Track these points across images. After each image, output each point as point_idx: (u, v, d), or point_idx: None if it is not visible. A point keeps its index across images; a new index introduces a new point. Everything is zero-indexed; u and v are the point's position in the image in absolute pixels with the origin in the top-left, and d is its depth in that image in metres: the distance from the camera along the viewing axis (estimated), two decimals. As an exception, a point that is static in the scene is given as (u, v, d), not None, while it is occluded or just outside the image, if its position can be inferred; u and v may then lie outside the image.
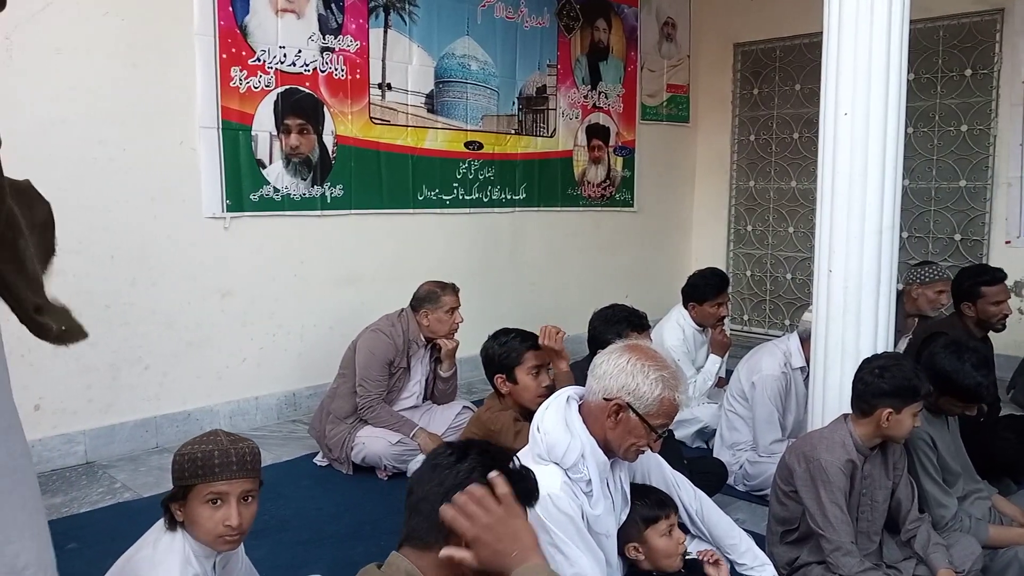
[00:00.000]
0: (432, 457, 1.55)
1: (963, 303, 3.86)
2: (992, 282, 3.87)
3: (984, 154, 5.55)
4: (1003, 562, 2.58)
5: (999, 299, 3.84)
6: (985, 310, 3.84)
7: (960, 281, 3.98)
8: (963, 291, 3.91)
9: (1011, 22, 5.36)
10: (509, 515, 1.38)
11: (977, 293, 3.86)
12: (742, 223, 6.87)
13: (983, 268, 4.02)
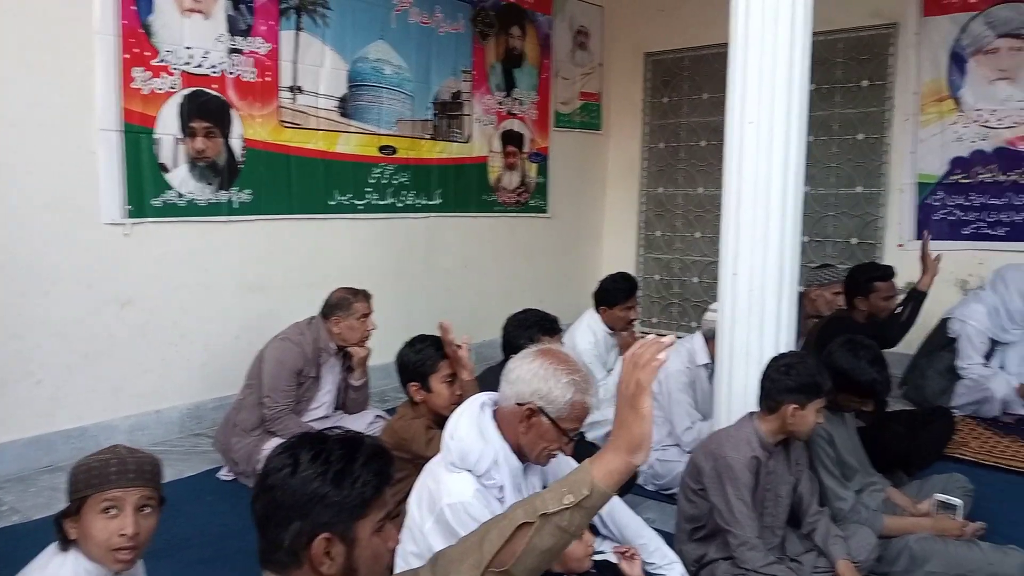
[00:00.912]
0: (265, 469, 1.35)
1: (856, 297, 4.09)
2: (884, 278, 4.13)
3: (879, 161, 5.82)
4: (895, 550, 2.70)
5: (888, 294, 4.10)
6: (876, 304, 4.08)
7: (854, 277, 4.22)
8: (856, 286, 4.14)
9: (904, 36, 5.65)
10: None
11: (870, 288, 4.10)
12: (652, 229, 7.01)
13: (875, 265, 4.28)
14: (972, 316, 4.76)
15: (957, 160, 5.52)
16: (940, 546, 2.68)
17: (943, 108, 5.54)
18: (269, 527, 1.29)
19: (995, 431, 4.46)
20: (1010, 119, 5.31)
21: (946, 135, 5.54)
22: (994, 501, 3.32)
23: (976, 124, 5.43)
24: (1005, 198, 5.36)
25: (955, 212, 5.55)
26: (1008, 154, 5.33)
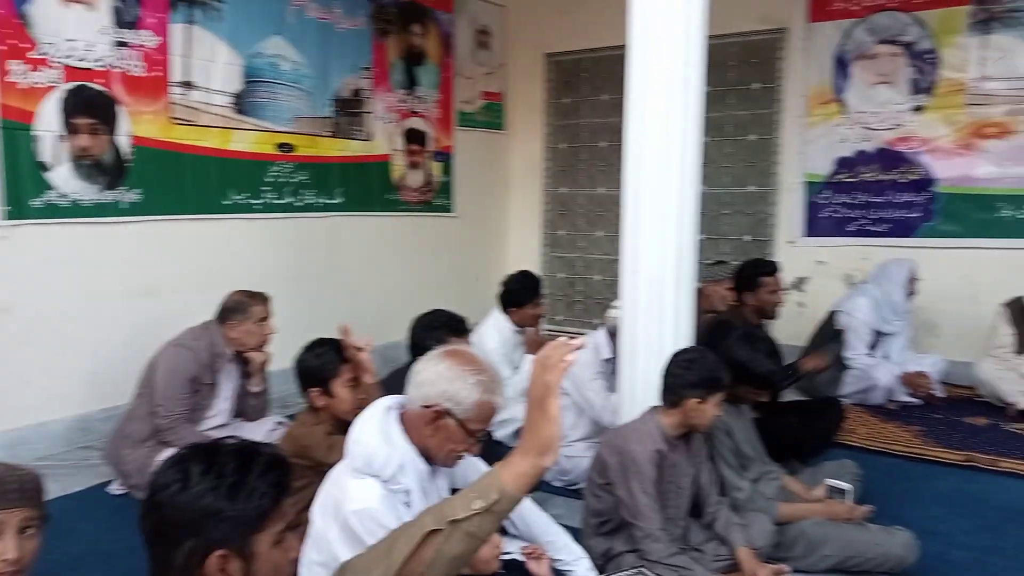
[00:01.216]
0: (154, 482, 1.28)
1: (744, 293, 4.26)
2: (770, 273, 4.32)
3: (770, 161, 6.06)
4: (792, 536, 2.81)
5: (774, 289, 4.29)
6: (763, 299, 4.27)
7: (742, 273, 4.39)
8: (745, 282, 4.32)
9: (792, 41, 5.89)
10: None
11: (757, 283, 4.27)
12: (555, 227, 7.09)
13: (761, 261, 4.46)
14: (857, 309, 5.01)
15: (842, 160, 5.79)
16: (833, 530, 2.80)
17: (829, 110, 5.81)
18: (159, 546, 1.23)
19: (881, 418, 4.71)
20: (890, 121, 5.61)
21: (832, 136, 5.81)
22: (881, 484, 3.51)
23: (859, 126, 5.71)
24: (886, 196, 5.66)
25: (840, 210, 5.82)
26: (888, 154, 5.63)
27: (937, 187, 5.49)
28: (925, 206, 5.54)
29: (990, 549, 3.04)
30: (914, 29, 5.47)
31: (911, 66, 5.51)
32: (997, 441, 4.28)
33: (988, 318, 5.09)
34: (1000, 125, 5.27)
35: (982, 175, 5.34)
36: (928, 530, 3.07)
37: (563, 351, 1.39)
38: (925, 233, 5.54)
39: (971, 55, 5.31)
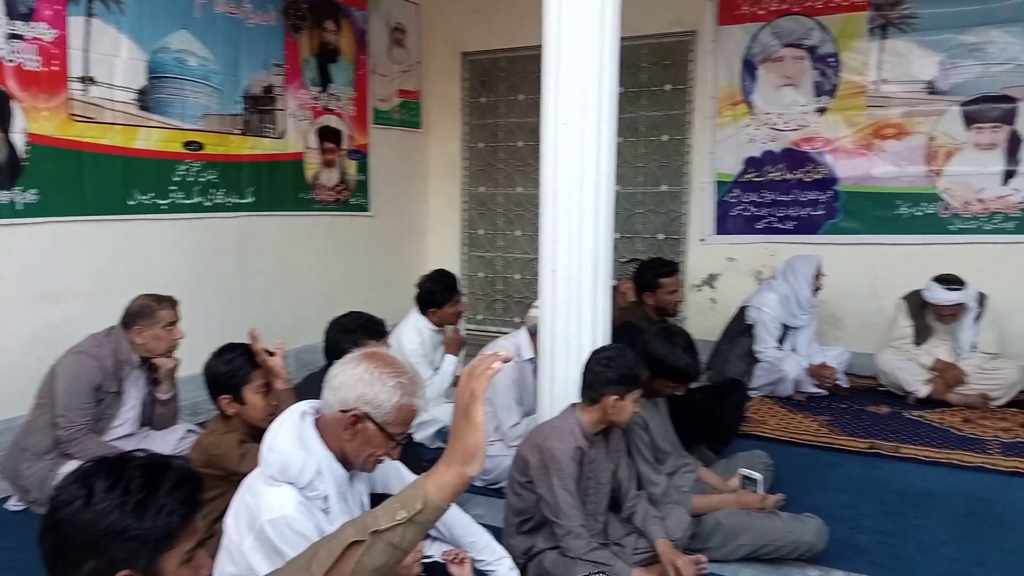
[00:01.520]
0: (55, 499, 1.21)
1: (644, 293, 4.38)
2: (668, 274, 4.44)
3: (682, 161, 6.19)
4: (708, 527, 2.89)
5: (673, 289, 4.41)
6: (662, 299, 4.39)
7: (641, 274, 4.51)
8: (644, 283, 4.44)
9: (702, 43, 6.03)
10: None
11: (656, 284, 4.39)
12: (474, 227, 7.08)
13: (660, 261, 4.56)
14: (766, 304, 5.18)
15: (750, 160, 5.97)
16: (747, 519, 2.89)
17: (737, 112, 5.98)
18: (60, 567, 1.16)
19: (789, 408, 4.87)
20: (795, 122, 5.81)
21: (740, 137, 5.98)
22: (791, 473, 3.63)
23: (766, 127, 5.90)
24: (792, 195, 5.86)
25: (749, 208, 6.00)
26: (794, 154, 5.84)
27: (840, 186, 5.71)
28: (829, 204, 5.76)
29: (893, 532, 3.18)
30: (817, 33, 5.68)
31: (815, 69, 5.72)
32: (898, 428, 4.49)
33: (888, 311, 5.34)
34: (897, 126, 5.52)
35: (881, 174, 5.59)
36: (836, 516, 3.20)
37: (490, 360, 1.39)
38: (829, 230, 5.76)
39: (870, 59, 5.55)
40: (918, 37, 5.40)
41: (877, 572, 2.84)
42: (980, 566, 2.90)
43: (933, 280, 4.94)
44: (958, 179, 5.38)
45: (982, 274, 5.08)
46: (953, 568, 2.88)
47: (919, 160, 5.47)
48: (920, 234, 5.48)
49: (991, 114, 5.26)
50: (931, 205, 5.46)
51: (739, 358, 5.20)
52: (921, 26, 5.37)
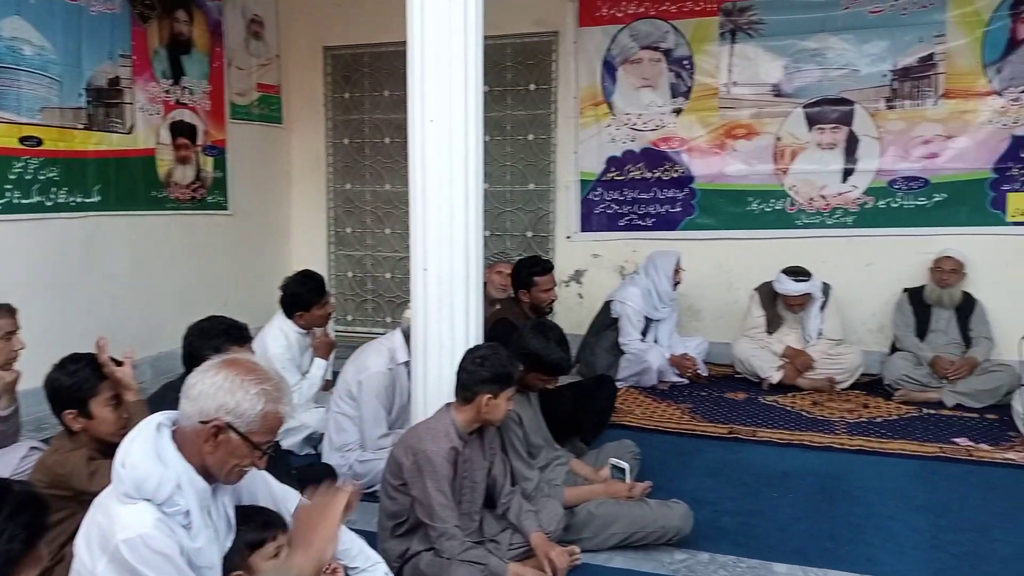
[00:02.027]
0: None
1: (520, 290, 4.45)
2: (543, 272, 4.52)
3: (548, 160, 6.29)
4: (581, 518, 2.94)
5: (547, 287, 4.49)
6: (537, 297, 4.46)
7: (518, 272, 4.57)
8: (520, 280, 4.50)
9: (564, 44, 6.15)
10: None
11: (531, 282, 4.46)
12: (341, 225, 6.93)
13: (536, 260, 4.63)
14: (629, 298, 5.34)
15: (612, 159, 6.14)
16: (617, 508, 2.96)
17: (599, 112, 6.13)
18: None
19: (654, 398, 5.05)
20: (653, 123, 6.02)
21: (602, 136, 6.14)
22: (657, 460, 3.76)
23: (626, 127, 6.08)
24: (651, 193, 6.07)
25: (612, 206, 6.17)
26: (652, 154, 6.04)
27: (696, 184, 5.97)
28: (686, 202, 6.01)
29: (753, 512, 3.35)
30: (672, 37, 5.91)
31: (671, 71, 5.94)
32: (755, 413, 4.74)
33: (742, 302, 5.63)
34: (747, 127, 5.82)
35: (733, 173, 5.88)
36: (700, 499, 3.34)
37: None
38: (686, 227, 6.01)
39: (721, 62, 5.83)
40: (765, 42, 5.71)
41: (739, 551, 2.98)
42: (832, 539, 3.10)
43: (782, 272, 5.26)
44: (802, 177, 5.73)
45: (825, 265, 5.44)
46: (808, 543, 3.07)
47: (767, 159, 5.79)
48: (769, 229, 5.81)
49: (831, 116, 5.64)
50: (779, 201, 5.80)
51: (605, 351, 5.34)
52: (767, 32, 5.69)
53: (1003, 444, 4.15)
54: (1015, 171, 5.29)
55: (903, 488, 3.60)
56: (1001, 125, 5.29)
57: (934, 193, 5.47)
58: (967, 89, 5.34)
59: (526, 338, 3.05)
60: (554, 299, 4.60)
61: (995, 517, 3.29)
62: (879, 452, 4.07)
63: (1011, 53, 5.23)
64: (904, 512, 3.34)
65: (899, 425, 4.50)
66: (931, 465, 3.89)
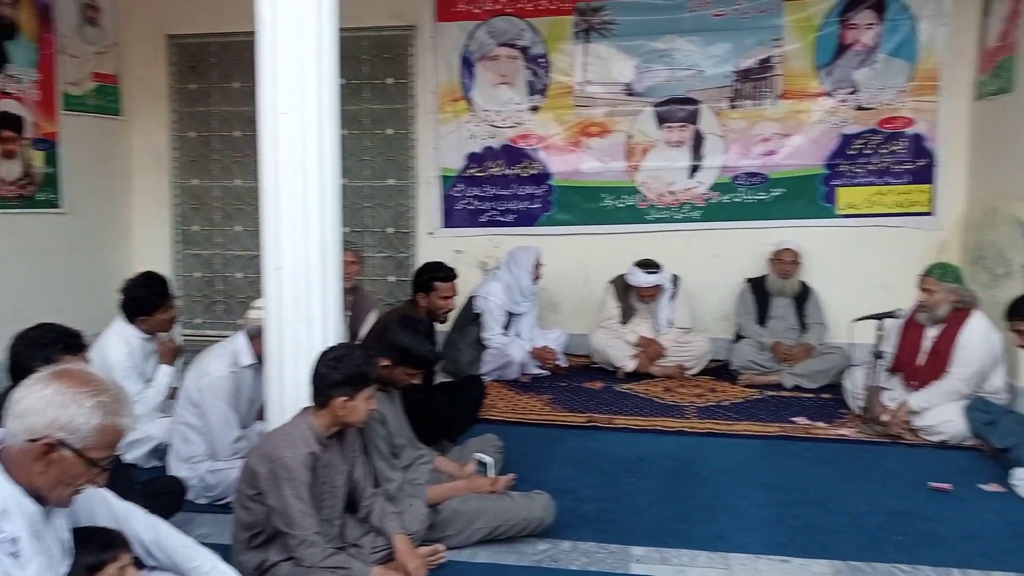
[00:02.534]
0: None
1: (419, 294, 4.36)
2: (446, 279, 4.44)
3: (407, 155, 6.23)
4: (445, 516, 2.93)
5: (448, 294, 4.43)
6: (435, 302, 4.39)
7: (419, 274, 4.49)
8: (421, 284, 4.41)
9: (422, 38, 6.09)
10: None
11: (431, 287, 4.38)
12: (188, 223, 6.59)
13: (439, 265, 4.53)
14: (491, 293, 5.39)
15: (472, 155, 6.15)
16: (481, 503, 2.97)
17: (458, 108, 6.13)
18: None
19: (516, 390, 5.12)
20: (511, 120, 6.08)
21: (462, 132, 6.14)
22: (520, 452, 3.81)
23: (485, 123, 6.11)
24: (511, 189, 6.14)
25: (473, 202, 6.19)
26: (511, 151, 6.11)
27: (553, 181, 6.08)
28: (544, 198, 6.11)
29: (611, 499, 3.46)
30: (528, 34, 5.98)
31: (527, 68, 6.02)
32: (611, 401, 4.90)
33: (598, 295, 5.80)
34: (601, 125, 5.99)
35: (588, 170, 6.03)
36: (561, 489, 3.41)
37: None
38: (545, 222, 6.11)
39: (576, 61, 5.96)
40: (617, 42, 5.89)
41: (600, 538, 3.07)
42: (685, 520, 3.24)
43: (634, 265, 5.45)
44: (652, 174, 5.95)
45: (675, 258, 5.68)
46: (663, 526, 3.19)
47: (619, 156, 5.98)
48: (623, 224, 6.00)
49: (679, 115, 5.89)
50: (631, 197, 6.00)
51: (469, 346, 5.36)
52: (619, 32, 5.87)
53: (836, 421, 4.49)
54: (844, 167, 5.71)
55: (749, 467, 3.82)
56: (831, 124, 5.71)
57: (772, 188, 5.83)
58: (801, 90, 5.72)
59: (394, 333, 3.03)
60: (452, 308, 4.55)
61: (831, 490, 3.54)
62: (726, 434, 4.30)
63: (840, 57, 5.64)
64: (750, 490, 3.54)
65: (744, 407, 4.76)
66: (773, 444, 4.15)
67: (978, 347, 4.11)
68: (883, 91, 5.62)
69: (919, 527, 3.17)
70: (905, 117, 5.62)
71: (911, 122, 5.62)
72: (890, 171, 5.68)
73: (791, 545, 3.02)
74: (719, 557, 2.92)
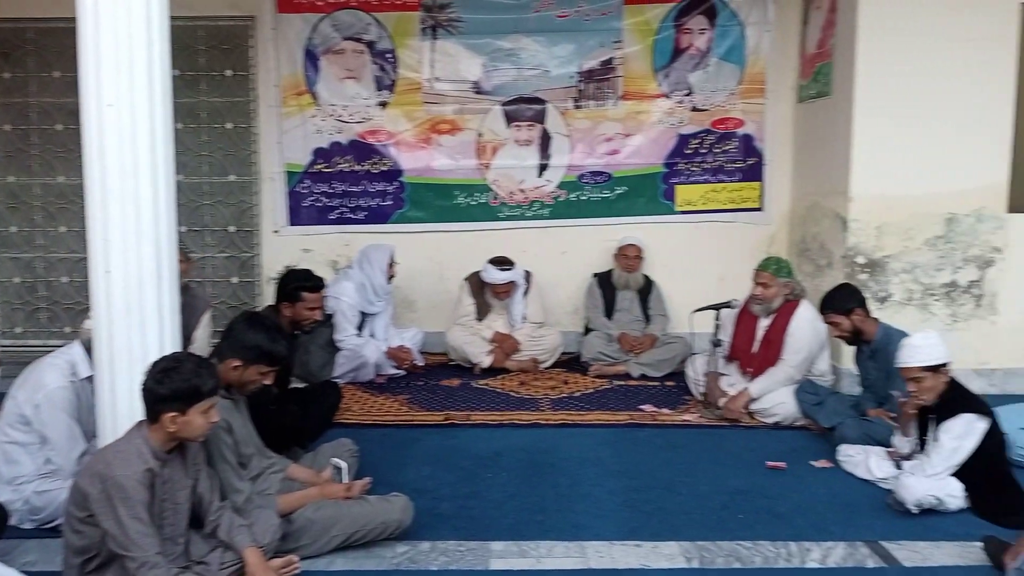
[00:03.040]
0: None
1: (283, 303, 4.15)
2: (314, 289, 4.25)
3: (249, 151, 5.97)
4: (299, 525, 2.83)
5: (314, 305, 4.24)
6: (301, 313, 4.20)
7: (284, 283, 4.27)
8: (286, 293, 4.20)
9: (262, 30, 5.85)
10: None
11: (298, 296, 4.19)
12: (5, 224, 6.02)
13: (308, 274, 4.33)
14: (344, 292, 5.26)
15: (319, 151, 5.98)
16: (336, 510, 2.89)
17: (302, 102, 5.93)
18: None
19: (371, 392, 5.03)
20: (359, 115, 5.96)
21: (307, 127, 5.95)
22: (377, 455, 3.76)
23: (332, 118, 5.95)
24: (361, 186, 6.02)
25: (321, 199, 6.02)
26: (361, 146, 5.98)
27: (405, 177, 6.01)
28: (396, 195, 6.03)
29: (469, 495, 3.46)
30: (374, 29, 5.88)
31: (375, 63, 5.91)
32: (469, 398, 4.91)
33: (453, 292, 5.80)
34: (451, 122, 5.98)
35: (440, 167, 6.01)
36: (419, 489, 3.39)
37: None
38: (398, 220, 6.04)
39: (424, 57, 5.91)
40: (464, 40, 5.89)
41: (459, 535, 3.06)
42: (542, 512, 3.29)
43: (488, 262, 5.49)
44: (503, 172, 6.02)
45: (526, 255, 5.78)
46: (520, 518, 3.23)
47: (470, 154, 6.00)
48: (476, 221, 6.03)
49: (526, 114, 5.98)
50: (483, 195, 6.03)
51: (320, 348, 5.21)
52: (466, 30, 5.88)
53: (680, 407, 4.70)
54: (682, 166, 5.99)
55: (601, 456, 3.93)
56: (669, 125, 5.97)
57: (616, 186, 6.03)
58: (641, 91, 5.95)
59: (241, 331, 2.91)
60: (318, 319, 4.35)
61: (678, 473, 3.71)
62: (579, 424, 4.41)
63: (676, 60, 5.91)
64: (603, 478, 3.65)
65: (595, 397, 4.91)
66: (623, 432, 4.30)
67: (806, 335, 4.43)
68: (716, 93, 5.94)
69: (759, 504, 3.37)
70: (736, 118, 5.96)
71: (741, 123, 5.97)
72: (723, 169, 6.02)
73: (642, 529, 3.13)
74: (575, 546, 2.99)
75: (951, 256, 4.88)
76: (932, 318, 4.87)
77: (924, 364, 3.26)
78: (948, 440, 3.24)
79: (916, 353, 3.29)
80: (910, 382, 3.30)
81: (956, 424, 3.23)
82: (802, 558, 2.91)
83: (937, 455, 3.26)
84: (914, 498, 3.20)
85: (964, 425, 3.23)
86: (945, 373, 3.29)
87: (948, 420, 3.25)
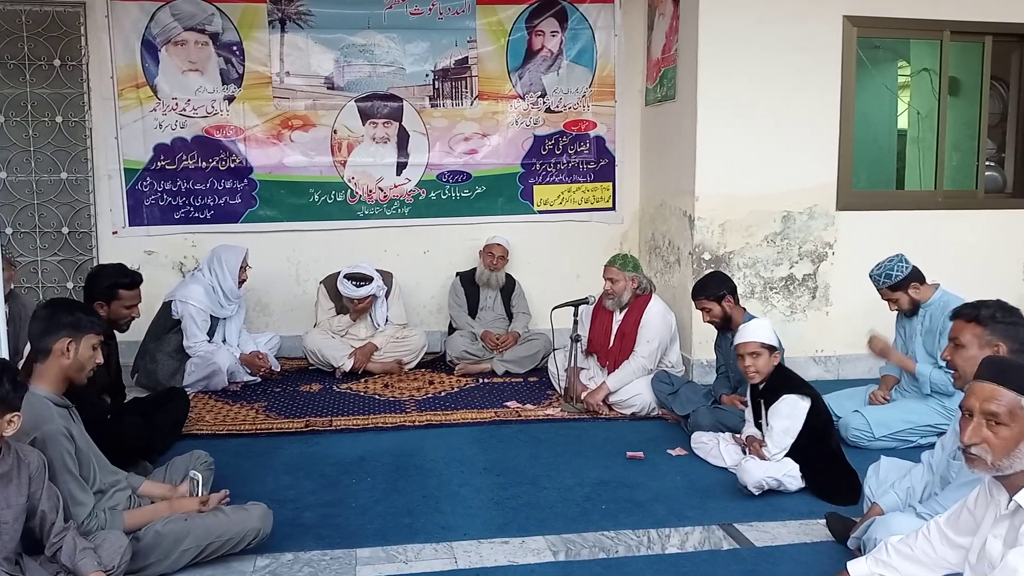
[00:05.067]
0: None
1: (97, 302, 3.81)
2: (131, 285, 3.95)
3: (82, 146, 5.55)
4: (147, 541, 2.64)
5: (132, 302, 3.95)
6: (118, 311, 3.89)
7: (97, 280, 3.93)
8: (100, 291, 3.86)
9: (94, 17, 5.46)
10: None
11: (114, 295, 3.87)
12: None
13: (122, 269, 4.02)
14: (192, 296, 4.98)
15: (160, 147, 5.64)
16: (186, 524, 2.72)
17: (141, 95, 5.58)
18: None
19: (225, 401, 4.80)
20: (204, 109, 5.67)
21: (147, 122, 5.60)
22: (233, 466, 3.60)
23: (174, 112, 5.63)
24: (208, 183, 5.73)
25: (165, 197, 5.69)
26: (206, 142, 5.69)
27: (255, 175, 5.77)
28: (247, 193, 5.78)
29: (333, 503, 3.36)
30: (219, 20, 5.61)
31: (220, 56, 5.65)
32: (330, 403, 4.78)
33: (311, 294, 5.65)
34: (304, 118, 5.80)
35: (292, 164, 5.82)
36: (280, 499, 3.27)
37: None
38: (249, 219, 5.79)
39: (273, 51, 5.71)
40: (315, 34, 5.74)
41: (323, 544, 2.97)
42: (410, 515, 3.24)
43: (344, 277, 5.31)
44: (360, 169, 5.90)
45: (387, 254, 5.71)
46: (388, 523, 3.17)
47: (325, 151, 5.85)
48: (333, 220, 5.88)
49: (383, 111, 5.89)
50: (340, 193, 5.90)
51: (168, 356, 4.93)
52: (317, 24, 5.72)
53: (544, 402, 4.78)
54: (538, 166, 6.09)
55: (468, 454, 3.94)
56: (525, 126, 6.05)
57: (476, 186, 6.05)
58: (497, 92, 5.99)
59: (55, 314, 2.74)
60: (136, 316, 4.04)
61: (543, 468, 3.76)
62: (445, 424, 4.39)
63: (529, 62, 6.00)
64: (470, 476, 3.65)
65: (460, 396, 4.91)
66: (489, 429, 4.31)
67: (657, 327, 4.61)
68: (568, 95, 6.08)
69: (620, 494, 3.47)
70: (589, 120, 6.13)
71: (594, 125, 6.14)
72: (578, 170, 6.17)
73: (509, 526, 3.15)
74: (444, 547, 2.97)
75: (788, 251, 5.23)
76: (772, 310, 5.20)
77: (762, 341, 3.53)
78: (777, 422, 3.48)
79: (756, 332, 3.59)
80: (748, 357, 3.54)
81: (782, 406, 3.48)
82: (662, 544, 3.02)
83: (770, 439, 3.48)
84: (754, 480, 3.39)
85: (789, 406, 3.47)
86: (776, 358, 3.56)
87: (775, 403, 3.49)
